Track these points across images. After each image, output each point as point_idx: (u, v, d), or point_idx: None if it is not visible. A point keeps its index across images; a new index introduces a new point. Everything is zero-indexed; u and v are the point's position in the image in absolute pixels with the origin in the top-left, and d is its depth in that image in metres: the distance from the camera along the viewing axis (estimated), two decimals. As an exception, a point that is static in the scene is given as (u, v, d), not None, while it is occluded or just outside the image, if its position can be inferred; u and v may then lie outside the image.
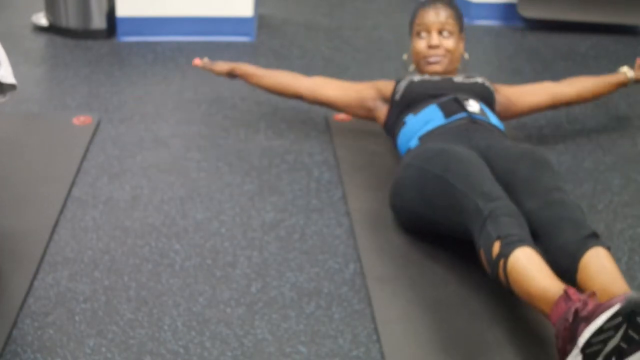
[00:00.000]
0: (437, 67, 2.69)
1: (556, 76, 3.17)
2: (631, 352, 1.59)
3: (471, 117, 2.46)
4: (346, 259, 2.30)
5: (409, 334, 1.96)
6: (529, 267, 1.84)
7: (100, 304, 2.07)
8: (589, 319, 1.57)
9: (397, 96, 2.67)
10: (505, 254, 1.89)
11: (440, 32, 2.69)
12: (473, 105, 2.52)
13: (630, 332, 1.57)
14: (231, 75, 3.03)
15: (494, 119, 2.52)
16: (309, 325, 2.02)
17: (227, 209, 2.54)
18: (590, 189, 2.75)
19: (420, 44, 2.72)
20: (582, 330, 1.57)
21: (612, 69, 3.91)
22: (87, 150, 2.87)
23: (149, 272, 2.21)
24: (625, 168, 2.90)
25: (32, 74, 3.62)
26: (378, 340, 1.96)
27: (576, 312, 1.61)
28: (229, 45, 4.04)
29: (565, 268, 1.91)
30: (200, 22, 4.08)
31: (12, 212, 2.42)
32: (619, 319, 1.55)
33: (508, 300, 2.09)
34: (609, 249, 1.93)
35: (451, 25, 2.70)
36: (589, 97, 3.00)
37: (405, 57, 2.86)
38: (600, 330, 1.56)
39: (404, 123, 2.59)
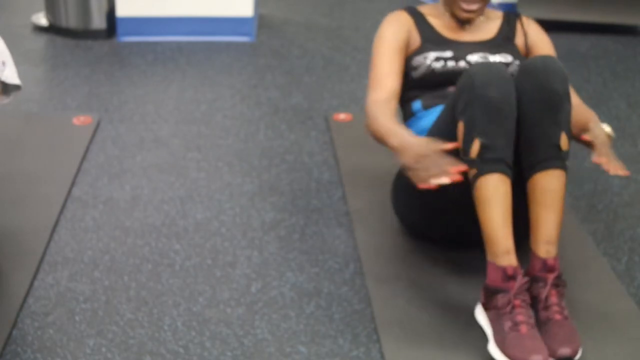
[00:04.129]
0: (470, 15, 2.38)
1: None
2: None
3: None
4: (346, 259, 2.30)
5: (409, 334, 1.96)
6: (492, 200, 1.95)
7: (100, 304, 2.07)
8: (503, 348, 1.85)
9: (414, 74, 2.41)
10: (480, 170, 1.96)
11: None
12: None
13: None
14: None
15: None
16: (309, 325, 2.02)
17: (227, 209, 2.54)
18: (590, 189, 2.75)
19: None
20: (496, 340, 1.89)
21: (612, 68, 3.92)
22: (87, 150, 2.87)
23: (149, 272, 2.21)
24: (626, 168, 2.89)
25: (32, 74, 3.62)
26: (378, 340, 1.96)
27: (502, 313, 1.89)
28: (229, 45, 4.04)
29: (524, 172, 2.03)
30: (200, 22, 4.08)
31: (12, 212, 2.43)
32: None
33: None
34: (563, 167, 2.01)
35: None
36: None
37: None
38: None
39: (413, 113, 2.48)
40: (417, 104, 2.40)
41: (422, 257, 2.28)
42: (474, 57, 2.39)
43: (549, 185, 1.99)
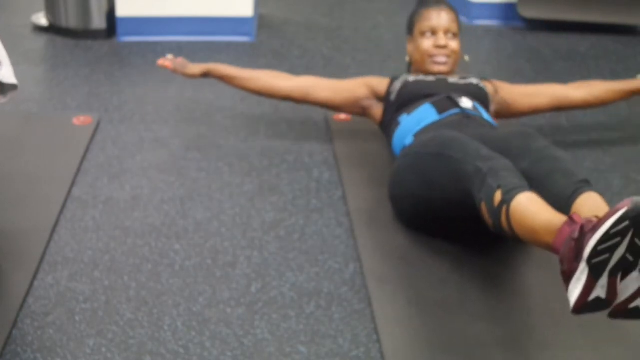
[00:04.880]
0: (443, 68, 2.72)
1: (556, 76, 3.18)
2: (637, 266, 1.55)
3: (464, 112, 2.49)
4: (346, 259, 2.30)
5: (409, 334, 1.96)
6: (531, 207, 1.83)
7: (100, 304, 2.07)
8: (595, 229, 1.53)
9: (392, 97, 2.69)
10: (507, 200, 1.88)
11: (445, 34, 2.73)
12: (466, 102, 2.55)
13: (637, 241, 1.53)
14: (206, 76, 2.94)
15: (486, 116, 2.55)
16: (309, 325, 2.02)
17: (227, 209, 2.54)
18: (590, 189, 2.74)
19: (427, 43, 2.73)
20: (588, 241, 1.54)
21: (612, 68, 3.92)
22: (87, 150, 2.87)
23: (149, 272, 2.21)
24: (625, 168, 2.90)
25: (32, 74, 3.62)
26: (378, 340, 1.96)
27: (582, 228, 1.58)
28: (229, 45, 4.04)
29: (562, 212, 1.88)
30: (200, 22, 4.08)
31: (12, 212, 2.42)
32: (626, 222, 1.50)
33: (508, 301, 2.09)
34: (601, 195, 1.95)
35: (455, 27, 2.75)
36: (597, 103, 2.94)
37: (407, 59, 2.87)
38: (607, 236, 1.51)
39: (398, 123, 2.60)
40: (402, 116, 2.61)
41: (422, 257, 2.28)
42: (454, 79, 2.69)
43: (594, 199, 1.91)
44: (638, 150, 3.06)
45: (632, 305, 1.59)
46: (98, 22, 4.05)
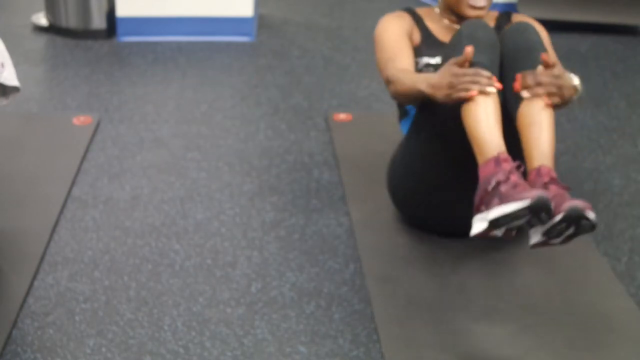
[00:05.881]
0: (480, 12, 2.38)
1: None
2: (529, 229, 1.83)
3: None
4: (346, 259, 2.30)
5: (409, 334, 1.96)
6: (481, 115, 1.97)
7: (100, 304, 2.07)
8: (502, 199, 1.77)
9: None
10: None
11: None
12: None
13: (533, 220, 1.78)
14: None
15: None
16: (309, 325, 2.02)
17: (227, 209, 2.54)
18: (590, 189, 2.75)
19: None
20: (494, 205, 1.79)
21: (612, 68, 3.92)
22: (87, 150, 2.87)
23: (149, 272, 2.21)
24: (625, 168, 2.90)
25: (32, 74, 3.62)
26: (378, 340, 1.96)
27: (497, 183, 1.81)
28: (229, 45, 4.04)
29: (511, 108, 2.05)
30: (200, 22, 4.08)
31: (12, 212, 2.43)
32: (526, 211, 1.74)
33: (508, 301, 2.09)
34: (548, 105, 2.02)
35: None
36: None
37: None
38: (506, 217, 1.77)
39: (406, 111, 2.54)
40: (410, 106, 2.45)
41: (422, 257, 2.28)
42: None
43: (535, 109, 2.00)
44: (638, 150, 3.06)
45: (549, 243, 1.86)
46: (98, 22, 4.05)
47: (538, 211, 1.74)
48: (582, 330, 1.98)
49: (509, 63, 2.11)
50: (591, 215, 1.75)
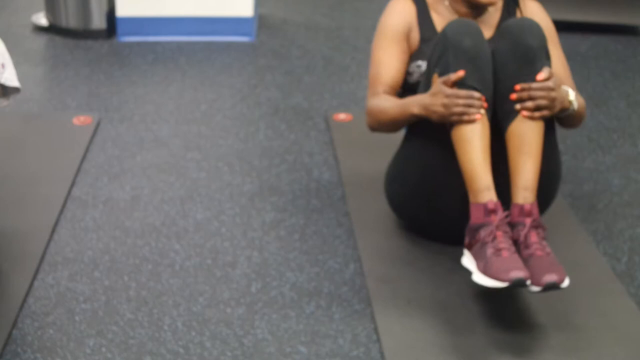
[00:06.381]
0: (493, 0, 2.26)
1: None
2: None
3: None
4: (346, 259, 2.30)
5: (409, 334, 1.96)
6: (470, 139, 2.02)
7: (100, 304, 2.07)
8: (486, 270, 1.89)
9: (410, 79, 2.37)
10: None
11: None
12: None
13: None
14: None
15: None
16: (309, 325, 2.02)
17: (227, 209, 2.54)
18: (590, 189, 2.75)
19: None
20: (479, 268, 1.92)
21: (613, 68, 3.91)
22: (87, 150, 2.87)
23: (149, 272, 2.21)
24: (625, 168, 2.90)
25: (32, 74, 3.61)
26: (378, 340, 1.96)
27: (484, 243, 1.93)
28: (229, 45, 4.04)
29: (501, 121, 2.09)
30: (200, 22, 4.08)
31: (12, 212, 2.43)
32: (505, 287, 1.88)
33: (508, 301, 2.09)
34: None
35: None
36: None
37: None
38: (486, 287, 1.94)
39: None
40: None
41: (422, 256, 2.28)
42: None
43: (525, 132, 2.04)
44: (638, 150, 3.05)
45: None
46: (98, 22, 4.05)
47: (516, 287, 1.89)
48: (582, 330, 1.98)
49: (504, 71, 2.08)
50: (565, 284, 1.88)
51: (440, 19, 2.35)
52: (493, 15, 2.37)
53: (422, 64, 2.28)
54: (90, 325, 1.99)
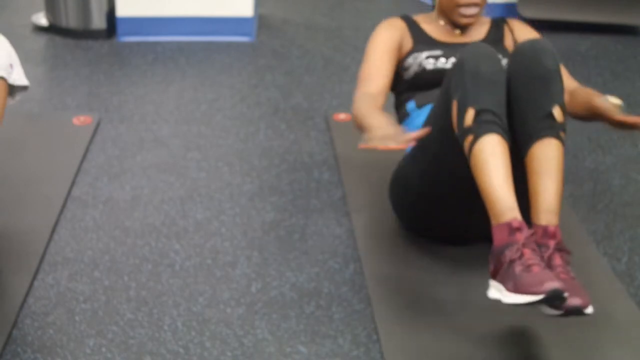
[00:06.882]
0: (470, 20, 2.45)
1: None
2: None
3: None
4: (346, 259, 2.30)
5: (409, 334, 1.96)
6: (490, 161, 1.93)
7: (100, 304, 2.07)
8: (517, 287, 1.75)
9: (405, 75, 2.49)
10: (475, 133, 1.95)
11: None
12: None
13: (546, 304, 1.76)
14: None
15: None
16: (309, 325, 2.02)
17: (227, 209, 2.54)
18: (590, 189, 2.75)
19: None
20: (509, 289, 1.77)
21: (613, 68, 3.92)
22: (87, 150, 2.87)
23: (149, 272, 2.21)
24: (625, 168, 2.90)
25: (32, 74, 3.60)
26: (378, 340, 1.96)
27: (511, 261, 1.79)
28: (229, 45, 4.04)
29: (521, 146, 2.02)
30: (200, 22, 4.08)
31: (12, 212, 2.43)
32: (538, 300, 1.73)
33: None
34: (560, 137, 2.00)
35: None
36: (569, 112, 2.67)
37: None
38: (518, 304, 1.76)
39: (407, 113, 2.53)
40: (411, 104, 2.47)
41: (422, 256, 2.28)
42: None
43: (546, 154, 1.99)
44: (638, 150, 3.06)
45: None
46: (98, 22, 4.05)
47: (552, 301, 1.73)
48: (582, 330, 1.98)
49: (521, 94, 2.04)
50: (589, 310, 1.79)
51: (431, 27, 2.50)
52: (479, 30, 2.52)
53: (419, 55, 2.42)
54: (90, 325, 1.99)
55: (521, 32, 2.56)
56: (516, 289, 1.75)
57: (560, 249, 1.91)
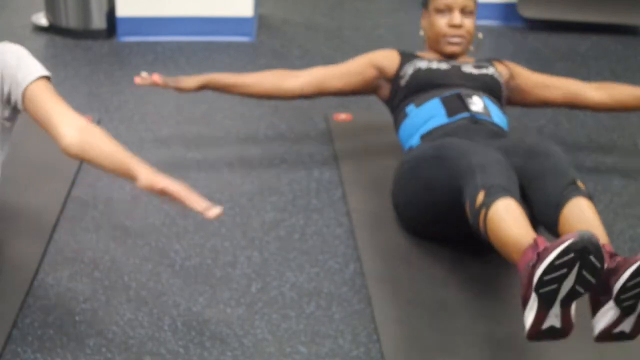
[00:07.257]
0: (456, 48, 2.61)
1: (556, 76, 3.16)
2: (594, 311, 1.65)
3: (474, 117, 2.42)
4: (346, 259, 2.30)
5: (409, 334, 1.96)
6: (506, 217, 1.83)
7: (100, 304, 2.07)
8: (541, 259, 1.56)
9: (402, 82, 2.60)
10: (487, 203, 1.89)
11: (461, 11, 2.60)
12: (477, 104, 2.44)
13: (584, 273, 1.55)
14: (204, 89, 2.74)
15: (497, 117, 2.47)
16: (309, 325, 2.02)
17: (227, 209, 2.54)
18: (590, 189, 2.74)
19: (441, 22, 2.61)
20: (536, 270, 1.57)
21: (613, 68, 3.92)
22: (87, 150, 2.86)
23: (149, 272, 2.21)
24: (625, 168, 2.90)
25: (32, 74, 3.61)
26: (378, 340, 1.96)
27: (539, 256, 1.59)
28: (229, 45, 4.04)
29: (550, 221, 1.94)
30: (200, 22, 4.08)
31: (12, 212, 2.42)
32: (571, 254, 1.52)
33: (508, 301, 2.09)
34: (590, 197, 1.94)
35: (471, 5, 2.62)
36: (617, 108, 2.80)
37: (422, 33, 2.74)
38: (551, 267, 1.53)
39: (406, 115, 2.54)
40: (410, 107, 2.53)
41: (422, 257, 2.28)
42: (468, 68, 2.60)
43: (581, 208, 1.90)
44: (638, 150, 3.06)
45: (617, 330, 1.66)
46: (98, 22, 4.05)
47: (585, 253, 1.52)
48: (582, 330, 1.98)
49: (542, 187, 2.01)
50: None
51: (424, 54, 2.72)
52: (468, 58, 2.69)
53: (413, 62, 2.63)
54: (90, 325, 1.99)
55: (516, 68, 2.78)
56: (541, 257, 1.56)
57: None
